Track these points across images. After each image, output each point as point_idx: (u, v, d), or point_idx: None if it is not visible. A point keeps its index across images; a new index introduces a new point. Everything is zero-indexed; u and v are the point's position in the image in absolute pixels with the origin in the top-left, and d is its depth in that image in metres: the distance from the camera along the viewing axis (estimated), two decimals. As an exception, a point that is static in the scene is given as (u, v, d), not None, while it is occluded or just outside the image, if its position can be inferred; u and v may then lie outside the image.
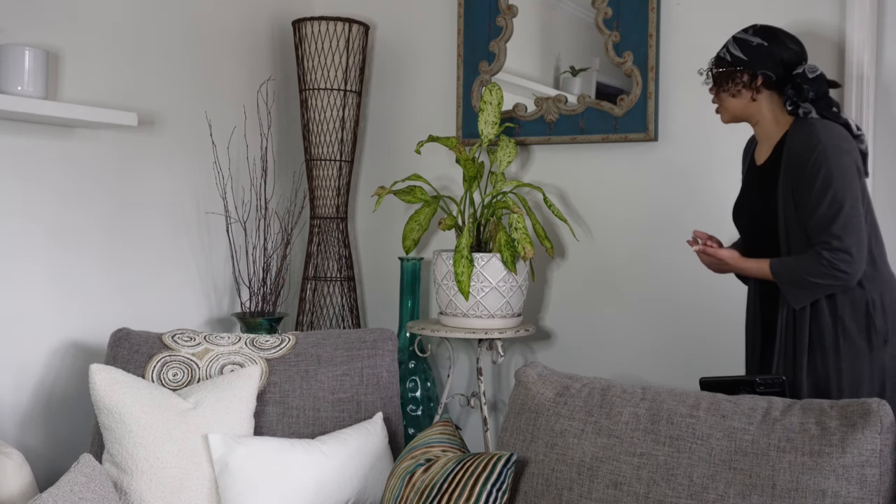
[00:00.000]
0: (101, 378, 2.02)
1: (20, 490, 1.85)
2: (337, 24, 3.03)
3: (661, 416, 1.75)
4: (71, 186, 2.47)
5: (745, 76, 2.14)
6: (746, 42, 2.14)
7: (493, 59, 3.03)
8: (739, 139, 2.64)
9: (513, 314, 2.75)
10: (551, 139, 2.93)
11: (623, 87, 2.81)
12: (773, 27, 2.17)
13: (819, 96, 2.08)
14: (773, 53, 2.11)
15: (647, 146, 2.81)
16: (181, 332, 2.30)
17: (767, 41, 2.12)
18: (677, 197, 2.77)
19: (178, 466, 1.98)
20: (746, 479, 1.61)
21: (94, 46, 2.52)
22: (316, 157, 3.14)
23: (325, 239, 3.17)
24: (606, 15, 2.81)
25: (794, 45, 2.14)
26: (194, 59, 2.87)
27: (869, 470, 1.55)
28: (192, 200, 2.87)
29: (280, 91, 3.25)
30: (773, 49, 2.11)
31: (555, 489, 1.78)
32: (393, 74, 3.31)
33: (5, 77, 2.15)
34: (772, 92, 2.14)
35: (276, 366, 2.26)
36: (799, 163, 2.03)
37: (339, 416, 2.26)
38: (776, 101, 2.15)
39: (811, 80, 2.08)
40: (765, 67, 2.12)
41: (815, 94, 2.08)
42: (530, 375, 1.98)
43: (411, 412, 3.02)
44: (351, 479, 2.10)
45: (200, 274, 2.92)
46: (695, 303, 2.74)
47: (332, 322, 3.15)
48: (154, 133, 2.73)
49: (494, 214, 2.77)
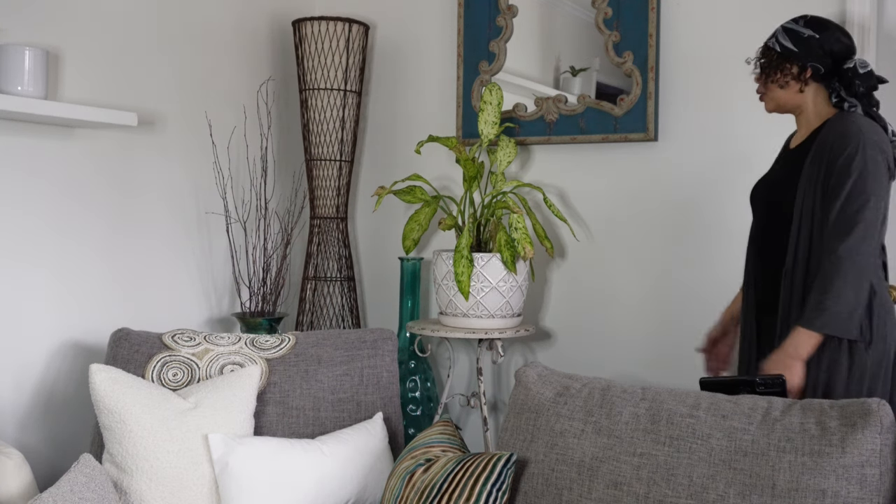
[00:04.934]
0: (101, 378, 2.02)
1: (20, 490, 1.85)
2: (337, 24, 3.03)
3: (661, 416, 1.75)
4: (71, 186, 2.47)
5: (794, 67, 2.12)
6: (797, 33, 2.12)
7: (493, 59, 3.03)
8: (739, 139, 2.64)
9: (513, 314, 2.75)
10: (551, 139, 2.93)
11: (623, 87, 2.81)
12: (825, 19, 2.15)
13: (867, 91, 2.07)
14: (824, 46, 2.09)
15: (647, 146, 2.81)
16: (181, 332, 2.30)
17: (819, 33, 2.10)
18: (677, 197, 2.77)
19: (177, 466, 1.98)
20: (746, 479, 1.61)
21: (94, 46, 2.52)
22: (316, 157, 3.14)
23: (325, 239, 3.17)
24: (606, 15, 2.81)
25: (845, 38, 2.12)
26: (194, 59, 2.87)
27: (869, 470, 1.55)
28: (192, 200, 2.87)
29: (280, 91, 3.25)
30: (823, 41, 2.09)
31: (555, 489, 1.78)
32: (393, 74, 3.31)
33: (5, 77, 2.15)
34: (819, 84, 2.13)
35: (276, 366, 2.26)
36: (833, 149, 2.00)
37: (339, 416, 2.26)
38: (822, 94, 2.13)
39: (862, 75, 2.06)
40: (815, 60, 2.10)
41: (865, 89, 2.06)
42: (530, 375, 1.98)
43: (411, 412, 3.02)
44: (351, 479, 2.10)
45: (200, 274, 2.92)
46: (694, 303, 2.74)
47: (332, 322, 3.15)
48: (154, 133, 2.73)
49: (494, 214, 2.77)
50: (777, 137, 2.60)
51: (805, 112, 2.17)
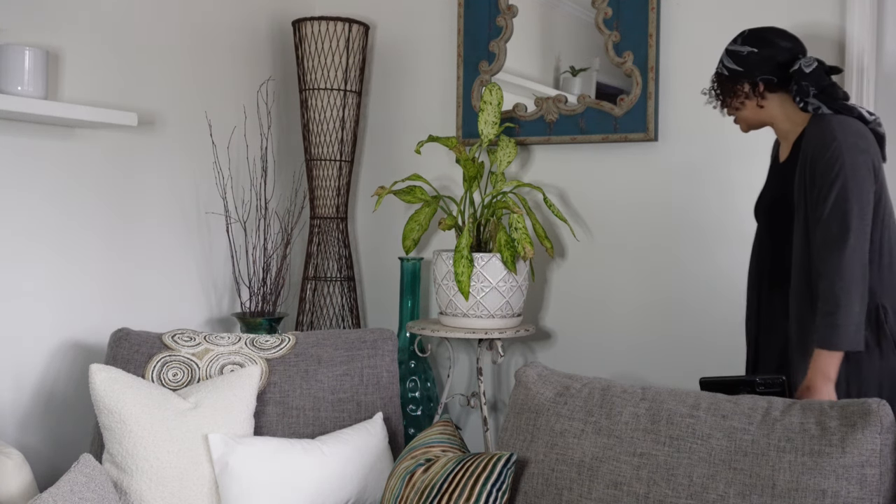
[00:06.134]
0: (101, 378, 2.02)
1: (20, 490, 1.85)
2: (337, 24, 3.03)
3: (661, 416, 1.75)
4: (71, 186, 2.47)
5: (745, 86, 2.14)
6: (737, 53, 2.14)
7: (493, 59, 3.03)
8: (739, 139, 2.64)
9: (513, 314, 2.75)
10: (551, 139, 2.93)
11: (623, 87, 2.81)
12: (762, 30, 2.15)
13: (822, 88, 2.05)
14: (766, 57, 2.10)
15: (647, 146, 2.81)
16: (181, 332, 2.30)
17: (757, 47, 2.11)
18: (677, 197, 2.77)
19: (178, 466, 1.98)
20: (746, 479, 1.61)
21: (94, 46, 2.52)
22: (316, 157, 3.14)
23: (325, 239, 3.17)
24: (606, 15, 2.81)
25: (786, 42, 2.12)
26: (194, 59, 2.87)
27: (869, 470, 1.55)
28: (192, 200, 2.87)
29: (280, 91, 3.25)
30: (763, 54, 2.10)
31: (555, 489, 1.78)
32: (393, 74, 3.31)
33: (5, 77, 2.15)
34: (780, 93, 2.13)
35: (276, 366, 2.26)
36: (814, 160, 2.00)
37: (339, 416, 2.26)
38: (787, 101, 2.13)
39: (808, 74, 2.05)
40: (762, 73, 2.11)
41: (817, 88, 2.05)
42: (530, 375, 1.98)
43: (411, 412, 3.02)
44: (351, 479, 2.10)
45: (200, 274, 2.92)
46: (694, 303, 2.74)
47: (332, 322, 3.15)
48: (154, 133, 2.73)
49: (494, 214, 2.77)
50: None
51: (777, 123, 2.17)
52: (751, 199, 2.67)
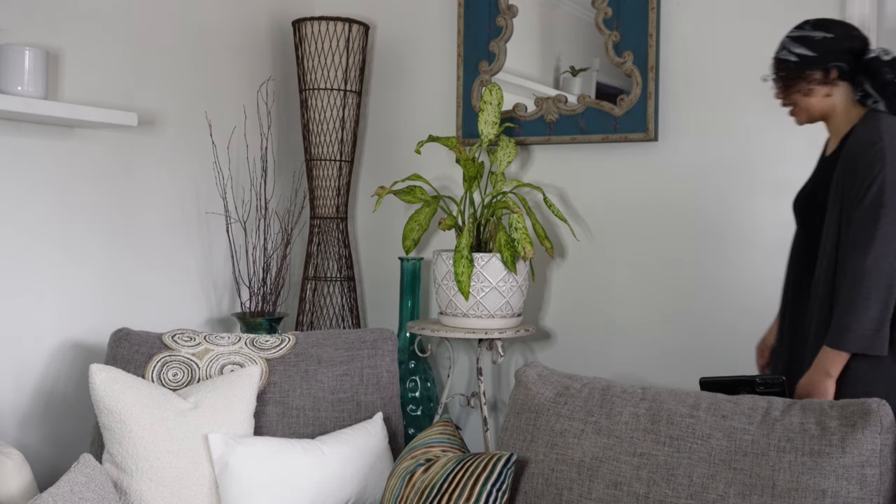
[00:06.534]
0: (101, 378, 2.02)
1: (20, 490, 1.85)
2: (337, 24, 3.03)
3: (661, 416, 1.75)
4: (71, 186, 2.47)
5: (817, 73, 2.09)
6: (809, 38, 2.09)
7: (493, 59, 3.03)
8: (739, 139, 2.64)
9: (513, 314, 2.75)
10: (551, 139, 2.93)
11: (623, 87, 2.81)
12: (828, 19, 2.13)
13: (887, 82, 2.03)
14: (842, 43, 2.06)
15: (647, 146, 2.81)
16: (181, 332, 2.30)
17: (832, 33, 2.07)
18: (677, 197, 2.77)
19: (177, 466, 1.98)
20: (746, 479, 1.61)
21: (94, 46, 2.52)
22: (316, 157, 3.14)
23: (325, 239, 3.17)
24: (606, 15, 2.81)
25: (855, 31, 2.10)
26: (194, 59, 2.87)
27: (869, 470, 1.55)
28: (192, 200, 2.88)
29: (280, 91, 3.25)
30: (839, 39, 2.07)
31: (555, 489, 1.78)
32: (393, 74, 3.31)
33: (5, 77, 2.15)
34: (845, 83, 2.09)
35: (276, 366, 2.26)
36: (855, 158, 1.97)
37: (339, 416, 2.26)
38: (848, 93, 2.09)
39: (888, 62, 2.02)
40: (836, 59, 2.06)
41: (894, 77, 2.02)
42: (530, 375, 1.98)
43: (411, 412, 3.02)
44: (351, 479, 2.10)
45: (200, 274, 2.92)
46: (694, 303, 2.74)
47: (332, 322, 3.15)
48: (154, 133, 2.73)
49: (494, 214, 2.77)
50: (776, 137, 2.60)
51: (834, 117, 2.12)
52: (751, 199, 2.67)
